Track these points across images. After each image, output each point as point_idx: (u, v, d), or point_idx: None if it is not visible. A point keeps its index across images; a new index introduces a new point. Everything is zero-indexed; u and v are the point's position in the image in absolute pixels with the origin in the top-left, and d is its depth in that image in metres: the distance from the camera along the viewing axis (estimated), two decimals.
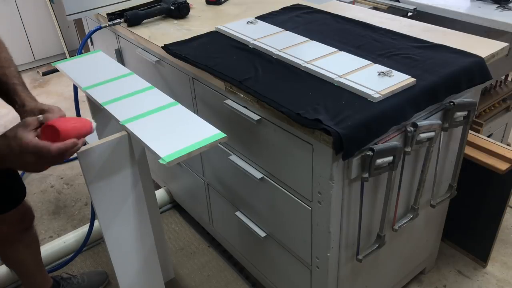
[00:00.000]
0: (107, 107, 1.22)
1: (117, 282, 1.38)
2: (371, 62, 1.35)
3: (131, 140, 1.18)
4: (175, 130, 1.12)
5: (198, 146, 1.04)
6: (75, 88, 1.87)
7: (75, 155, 1.05)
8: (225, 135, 1.08)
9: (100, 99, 1.26)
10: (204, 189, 1.88)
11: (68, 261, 2.01)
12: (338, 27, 1.67)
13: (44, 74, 3.85)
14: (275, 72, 1.37)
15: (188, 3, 1.88)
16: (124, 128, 1.15)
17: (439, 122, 1.33)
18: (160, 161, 1.00)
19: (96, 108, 1.40)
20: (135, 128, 1.12)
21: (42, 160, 0.93)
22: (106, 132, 1.50)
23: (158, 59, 1.73)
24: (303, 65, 1.36)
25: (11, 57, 1.20)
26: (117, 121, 1.17)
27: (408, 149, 1.27)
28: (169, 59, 1.63)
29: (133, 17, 1.81)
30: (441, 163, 1.52)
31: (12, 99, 1.14)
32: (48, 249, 2.01)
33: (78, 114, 1.93)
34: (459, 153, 1.53)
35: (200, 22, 1.81)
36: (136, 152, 1.27)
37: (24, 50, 3.90)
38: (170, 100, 1.25)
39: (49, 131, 0.96)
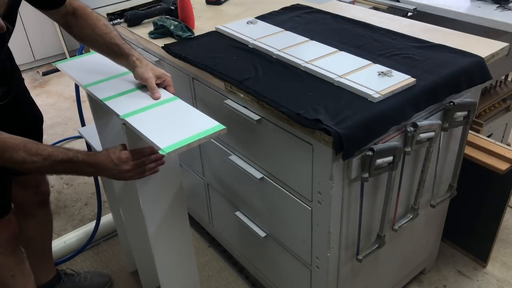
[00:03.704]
0: (107, 102, 1.22)
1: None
2: (371, 62, 1.35)
3: None
4: (174, 123, 1.12)
5: (198, 138, 1.05)
6: (77, 89, 1.87)
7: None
8: (224, 126, 1.09)
9: (100, 95, 1.26)
10: (204, 189, 1.88)
11: (76, 254, 2.03)
12: (338, 27, 1.67)
13: (44, 74, 3.85)
14: (275, 72, 1.37)
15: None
16: (124, 121, 1.15)
17: (439, 122, 1.33)
18: (160, 152, 1.00)
19: (97, 106, 1.41)
20: (135, 121, 1.12)
21: (138, 165, 1.16)
22: (107, 130, 1.50)
23: (158, 59, 1.73)
24: (303, 65, 1.36)
25: (108, 23, 1.34)
26: (117, 115, 1.17)
27: (408, 149, 1.27)
28: (169, 59, 1.63)
29: (133, 17, 1.81)
30: (441, 163, 1.52)
31: (123, 60, 1.30)
32: None
33: (80, 113, 1.93)
34: (459, 153, 1.53)
35: (200, 22, 1.81)
36: None
37: (24, 50, 3.89)
38: (169, 95, 1.25)
39: None
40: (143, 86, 1.28)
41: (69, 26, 1.33)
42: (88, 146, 1.74)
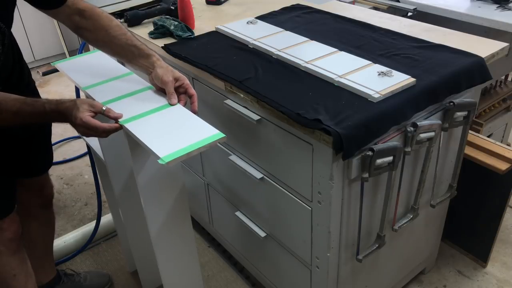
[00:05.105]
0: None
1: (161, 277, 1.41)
2: (371, 62, 1.35)
3: None
4: (174, 130, 1.11)
5: (198, 146, 1.04)
6: (77, 89, 1.87)
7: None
8: (224, 135, 1.08)
9: (99, 99, 1.25)
10: (204, 189, 1.88)
11: (76, 254, 2.03)
12: (338, 27, 1.67)
13: (44, 74, 3.84)
14: (275, 72, 1.37)
15: None
16: (122, 127, 1.15)
17: (439, 122, 1.33)
18: (160, 161, 1.00)
19: None
20: (134, 128, 1.12)
21: (89, 132, 1.11)
22: None
23: None
24: (303, 65, 1.36)
25: (120, 23, 1.32)
26: (116, 121, 1.16)
27: (408, 149, 1.27)
28: (169, 59, 1.62)
29: (133, 17, 1.81)
30: (441, 163, 1.52)
31: (141, 60, 1.27)
32: None
33: None
34: (459, 153, 1.53)
35: (200, 22, 1.81)
36: None
37: (24, 50, 3.83)
38: None
39: None
40: (143, 89, 1.27)
41: (79, 29, 1.28)
42: (88, 146, 1.74)
